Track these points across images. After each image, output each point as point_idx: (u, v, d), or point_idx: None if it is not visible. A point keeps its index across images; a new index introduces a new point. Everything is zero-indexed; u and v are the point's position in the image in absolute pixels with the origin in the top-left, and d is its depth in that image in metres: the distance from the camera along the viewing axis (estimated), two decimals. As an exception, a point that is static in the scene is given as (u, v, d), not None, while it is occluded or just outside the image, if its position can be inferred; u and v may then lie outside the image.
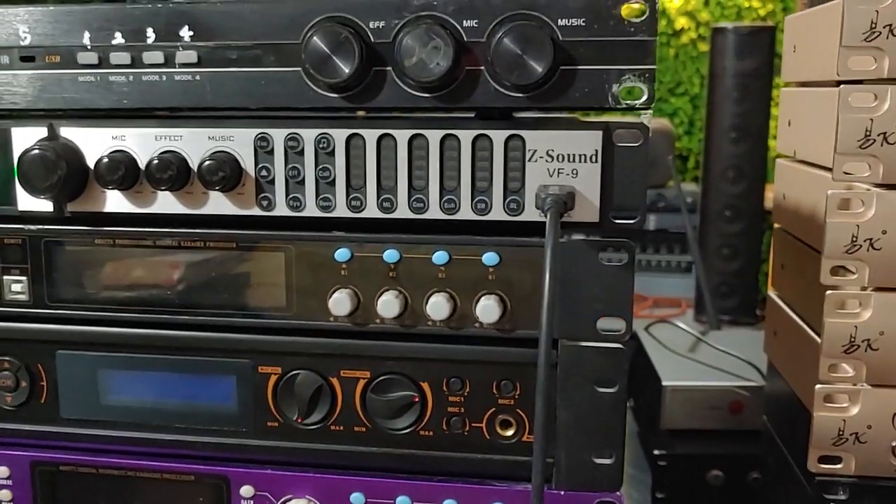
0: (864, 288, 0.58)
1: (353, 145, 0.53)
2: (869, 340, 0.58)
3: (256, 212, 0.55)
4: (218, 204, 0.55)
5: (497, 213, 0.53)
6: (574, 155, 0.51)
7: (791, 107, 0.76)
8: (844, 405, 0.59)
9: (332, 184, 0.54)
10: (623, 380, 0.53)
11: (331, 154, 0.53)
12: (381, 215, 0.54)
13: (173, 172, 0.54)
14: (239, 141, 0.54)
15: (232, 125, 0.54)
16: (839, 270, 0.59)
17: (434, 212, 0.53)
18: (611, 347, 0.53)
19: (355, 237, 0.54)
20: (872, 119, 0.56)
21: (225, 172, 0.53)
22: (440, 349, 0.55)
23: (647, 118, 0.52)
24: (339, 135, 0.53)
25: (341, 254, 0.54)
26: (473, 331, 0.54)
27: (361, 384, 0.56)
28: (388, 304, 0.54)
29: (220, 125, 0.54)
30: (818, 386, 0.59)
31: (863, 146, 0.56)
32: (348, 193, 0.54)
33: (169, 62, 0.54)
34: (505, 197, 0.52)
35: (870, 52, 0.55)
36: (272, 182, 0.54)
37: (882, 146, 0.56)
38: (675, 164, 1.76)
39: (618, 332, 0.53)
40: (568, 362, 0.53)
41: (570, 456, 0.54)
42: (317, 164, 0.54)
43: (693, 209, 1.43)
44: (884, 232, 0.57)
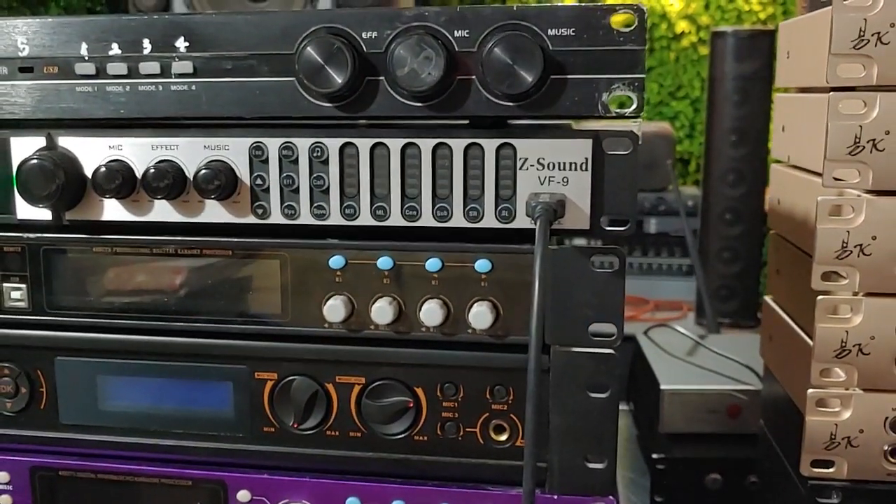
0: (856, 293, 0.59)
1: (347, 154, 0.54)
2: (860, 345, 0.58)
3: (252, 220, 0.55)
4: (214, 212, 0.56)
5: (489, 221, 0.53)
6: (564, 163, 0.52)
7: (785, 112, 0.76)
8: (836, 409, 0.60)
9: (327, 192, 0.54)
10: (615, 385, 0.54)
11: (325, 163, 0.54)
12: (375, 223, 0.54)
13: (170, 181, 0.54)
14: (234, 150, 0.55)
15: (227, 134, 0.55)
16: (830, 276, 0.59)
17: (427, 219, 0.54)
18: (602, 353, 0.53)
19: (349, 244, 0.55)
20: (861, 126, 0.56)
21: (220, 181, 0.54)
22: (434, 355, 0.56)
23: (637, 126, 0.52)
24: (333, 144, 0.54)
25: (336, 261, 0.55)
26: (466, 337, 0.55)
27: (356, 390, 0.57)
28: (382, 311, 0.54)
29: (216, 134, 0.55)
30: (810, 390, 0.60)
31: (852, 153, 0.57)
32: (342, 201, 0.54)
33: (165, 72, 0.55)
34: (497, 205, 0.53)
35: (859, 60, 0.56)
36: (267, 190, 0.55)
37: (871, 153, 0.56)
38: (676, 168, 1.76)
39: (609, 338, 0.53)
40: (560, 368, 0.54)
41: (563, 460, 0.55)
42: (311, 173, 0.54)
43: (694, 212, 1.43)
44: (874, 238, 0.57)
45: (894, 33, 0.55)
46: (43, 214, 0.57)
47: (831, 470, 0.60)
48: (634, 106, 0.51)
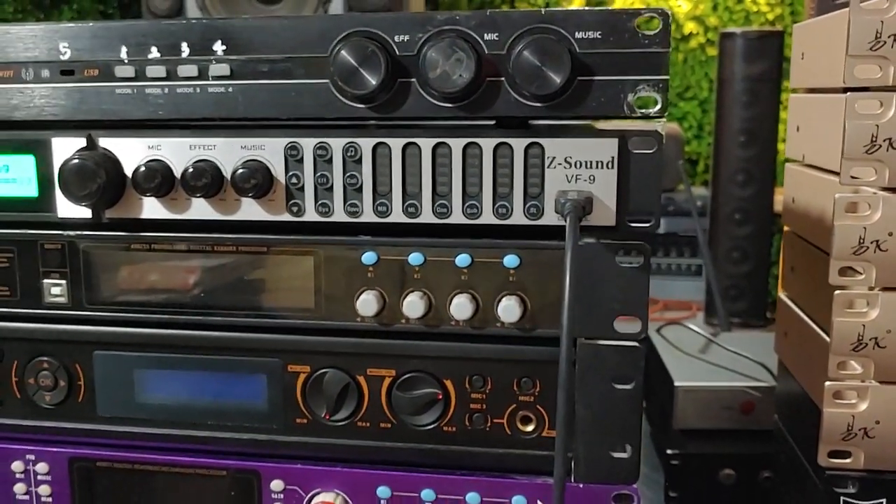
0: (872, 288, 0.60)
1: (380, 153, 0.56)
2: (876, 339, 0.60)
3: (287, 217, 0.57)
4: (250, 210, 0.57)
5: (517, 218, 0.55)
6: (591, 161, 0.54)
7: (799, 112, 0.78)
8: (853, 401, 0.61)
9: (360, 190, 0.56)
10: (639, 377, 0.55)
11: (358, 162, 0.56)
12: (407, 220, 0.56)
13: (207, 180, 0.56)
14: (270, 150, 0.57)
15: (263, 135, 0.57)
16: (847, 271, 0.61)
17: (457, 216, 0.55)
18: (627, 346, 0.55)
19: (381, 241, 0.57)
20: (878, 125, 0.58)
21: (257, 180, 0.56)
22: (463, 348, 0.57)
23: (661, 126, 0.54)
24: (366, 143, 0.56)
25: (368, 257, 0.57)
26: (495, 330, 0.56)
27: (387, 382, 0.59)
28: (414, 305, 0.56)
29: (252, 135, 0.57)
30: (828, 383, 0.61)
31: (869, 151, 0.58)
32: (375, 199, 0.56)
33: (203, 75, 0.56)
34: (525, 202, 0.55)
35: (875, 61, 0.58)
36: (302, 189, 0.57)
37: (887, 151, 0.58)
38: (685, 168, 1.78)
39: (634, 331, 0.55)
40: (586, 360, 0.55)
41: (589, 450, 0.56)
42: (345, 172, 0.56)
43: (703, 213, 1.45)
44: (890, 234, 0.59)
45: (910, 35, 0.57)
46: (83, 212, 0.59)
47: (848, 460, 0.62)
48: (658, 106, 0.53)
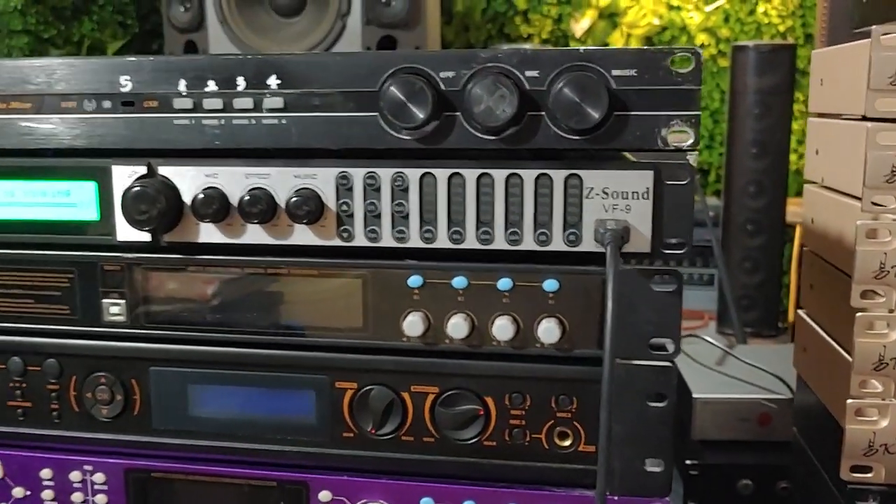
0: (892, 310, 0.63)
1: (426, 183, 0.59)
2: (896, 359, 0.63)
3: (337, 242, 0.60)
4: (302, 235, 0.61)
5: (557, 244, 0.58)
6: (628, 192, 0.57)
7: (818, 136, 0.81)
8: (874, 418, 0.64)
9: (407, 217, 0.59)
10: (672, 395, 0.58)
11: (405, 191, 0.59)
12: (451, 245, 0.59)
13: (262, 207, 0.59)
14: (322, 179, 0.60)
15: (315, 164, 0.60)
16: (868, 294, 0.63)
17: (500, 243, 0.59)
18: (660, 366, 0.58)
19: (427, 265, 0.60)
20: (898, 156, 0.61)
21: (309, 207, 0.59)
22: (503, 367, 0.60)
23: (694, 158, 0.57)
24: (413, 174, 0.59)
25: (414, 280, 0.60)
26: (535, 350, 0.59)
27: (430, 398, 0.62)
28: (458, 327, 0.59)
29: (305, 164, 0.60)
30: (849, 401, 0.64)
31: (889, 180, 0.61)
32: (421, 226, 0.59)
33: (257, 107, 0.59)
34: (564, 229, 0.58)
35: (895, 95, 0.60)
36: (351, 216, 0.60)
37: (907, 181, 0.61)
38: (698, 179, 1.80)
39: (667, 352, 0.58)
40: (622, 379, 0.58)
41: (624, 464, 0.59)
42: (393, 200, 0.59)
43: (715, 223, 1.47)
44: (910, 259, 0.62)
45: (929, 71, 0.59)
46: (142, 236, 0.62)
47: (869, 475, 0.65)
48: (691, 140, 0.56)
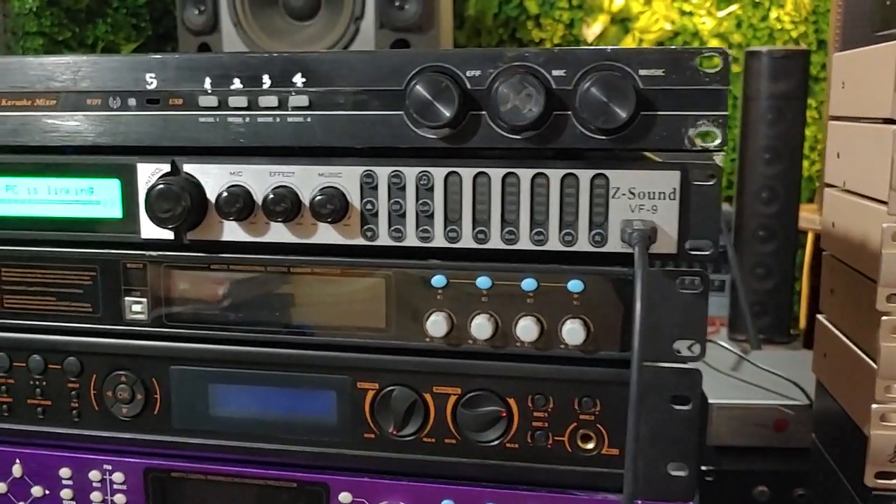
0: (918, 314, 0.63)
1: (451, 182, 0.59)
2: (922, 363, 0.62)
3: (361, 241, 0.60)
4: (325, 234, 0.60)
5: (582, 245, 0.58)
6: (654, 192, 0.56)
7: (840, 140, 0.81)
8: (899, 424, 0.64)
9: (431, 217, 0.59)
10: (697, 398, 0.58)
11: (430, 190, 0.59)
12: (476, 245, 0.59)
13: (287, 205, 0.59)
14: (346, 177, 0.60)
15: (340, 163, 0.60)
16: (894, 297, 0.63)
17: (524, 243, 0.58)
18: (686, 368, 0.58)
19: (451, 265, 0.60)
20: (926, 158, 0.60)
21: (334, 206, 0.59)
22: (527, 368, 0.60)
23: (720, 158, 0.57)
24: (439, 172, 0.59)
25: (438, 280, 0.60)
26: (558, 352, 0.59)
27: (453, 400, 0.61)
28: (482, 327, 0.59)
29: (329, 163, 0.60)
30: (874, 406, 0.64)
31: (916, 183, 0.61)
32: (446, 226, 0.59)
33: (282, 105, 0.59)
34: (590, 230, 0.57)
35: (923, 98, 0.60)
36: (376, 215, 0.60)
37: (935, 183, 0.60)
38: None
39: (693, 354, 0.57)
40: (646, 381, 0.58)
41: (648, 468, 0.59)
42: (417, 199, 0.59)
43: (727, 228, 1.47)
44: (937, 262, 0.61)
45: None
46: (165, 234, 0.62)
47: (894, 481, 0.64)
48: (718, 140, 0.55)
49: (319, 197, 0.59)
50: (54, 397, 0.67)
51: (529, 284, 0.59)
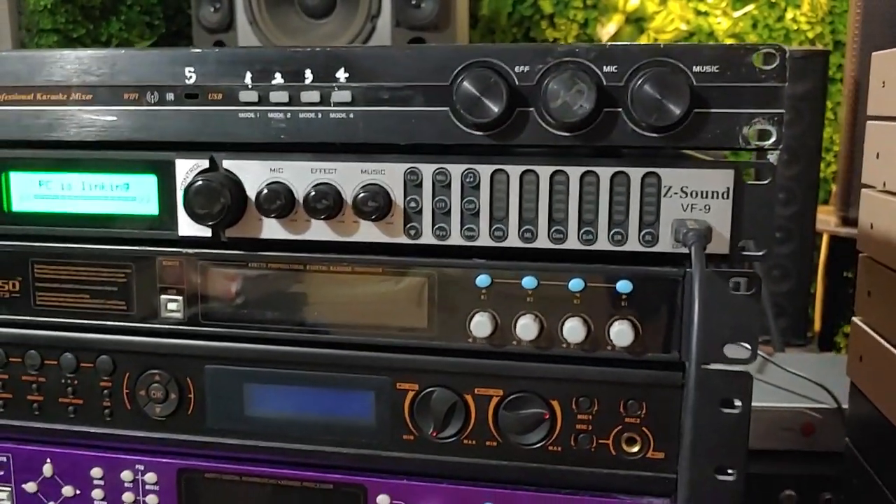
0: (968, 318, 0.61)
1: (497, 180, 0.58)
2: (972, 367, 0.61)
3: (404, 240, 0.59)
4: (368, 232, 0.59)
5: (632, 244, 0.56)
6: (707, 191, 0.55)
7: (879, 140, 0.80)
8: (947, 429, 0.62)
9: (477, 215, 0.58)
10: (747, 401, 0.57)
11: (476, 188, 0.58)
12: (522, 245, 0.58)
13: (329, 203, 0.58)
14: (389, 174, 0.58)
15: (383, 160, 0.58)
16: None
17: (572, 242, 0.57)
18: (736, 371, 0.57)
19: (496, 264, 0.58)
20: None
21: (377, 203, 0.58)
22: (571, 370, 0.59)
23: (775, 157, 0.56)
24: (485, 170, 0.57)
25: (482, 280, 0.58)
26: (605, 353, 0.58)
27: (494, 401, 0.60)
28: (527, 328, 0.57)
29: (372, 159, 0.59)
30: (922, 410, 0.63)
31: (970, 184, 0.60)
32: (491, 224, 0.58)
33: (325, 101, 0.58)
34: (640, 229, 0.56)
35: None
36: (420, 213, 0.58)
37: None
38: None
39: (744, 357, 0.56)
40: (696, 384, 0.57)
41: (695, 473, 0.57)
42: (462, 197, 0.58)
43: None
44: None
45: None
46: (203, 231, 0.61)
47: (941, 486, 0.63)
48: (774, 139, 0.54)
49: (362, 194, 0.58)
50: (86, 396, 0.65)
51: (577, 285, 0.57)
